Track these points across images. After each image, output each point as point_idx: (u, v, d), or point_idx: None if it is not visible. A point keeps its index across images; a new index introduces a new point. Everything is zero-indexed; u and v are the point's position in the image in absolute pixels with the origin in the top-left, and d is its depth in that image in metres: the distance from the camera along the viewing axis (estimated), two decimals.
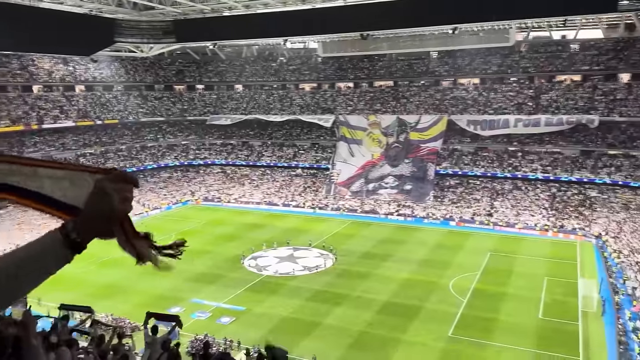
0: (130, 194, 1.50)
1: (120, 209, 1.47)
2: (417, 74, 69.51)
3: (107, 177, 1.50)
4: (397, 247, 46.18)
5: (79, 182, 1.56)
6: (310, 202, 62.41)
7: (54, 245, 1.47)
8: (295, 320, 31.56)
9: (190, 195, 67.05)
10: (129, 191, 1.49)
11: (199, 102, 78.04)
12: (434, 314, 32.29)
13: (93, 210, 1.48)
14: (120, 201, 1.46)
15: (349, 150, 65.53)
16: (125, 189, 1.48)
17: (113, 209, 1.46)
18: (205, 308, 33.80)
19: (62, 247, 1.48)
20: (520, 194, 56.55)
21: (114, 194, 1.45)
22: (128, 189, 1.49)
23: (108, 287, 36.61)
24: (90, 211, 1.48)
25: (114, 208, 1.45)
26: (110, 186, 1.46)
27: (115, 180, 1.48)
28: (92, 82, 71.71)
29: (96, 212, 1.47)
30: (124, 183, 1.49)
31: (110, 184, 1.46)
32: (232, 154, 73.41)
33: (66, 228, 1.48)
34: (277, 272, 40.57)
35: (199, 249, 45.97)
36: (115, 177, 1.50)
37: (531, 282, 37.14)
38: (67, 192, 1.58)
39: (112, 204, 1.45)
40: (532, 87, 62.28)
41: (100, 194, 1.46)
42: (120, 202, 1.46)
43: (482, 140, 61.06)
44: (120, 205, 1.46)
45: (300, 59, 77.96)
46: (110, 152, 67.60)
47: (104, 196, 1.45)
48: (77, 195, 1.55)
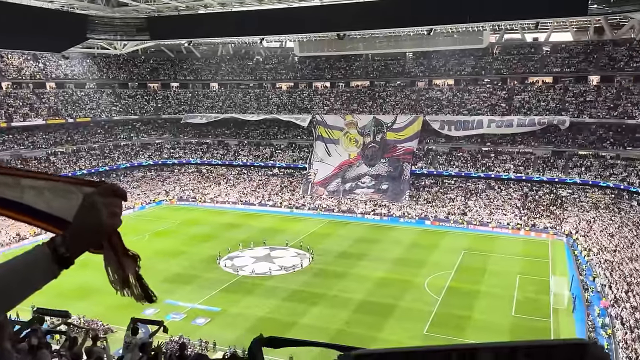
0: (120, 209, 1.46)
1: (109, 223, 1.44)
2: (393, 74, 70.05)
3: (96, 190, 1.46)
4: (373, 246, 46.47)
5: (65, 195, 1.52)
6: (287, 201, 62.29)
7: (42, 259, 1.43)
8: (271, 320, 31.44)
9: (164, 194, 66.15)
10: (118, 205, 1.46)
11: (173, 100, 77.05)
12: (410, 312, 32.60)
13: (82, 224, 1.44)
14: (108, 215, 1.43)
15: (326, 150, 65.63)
16: (114, 203, 1.45)
17: (102, 223, 1.42)
18: (180, 309, 33.39)
19: (50, 262, 1.44)
20: (494, 194, 57.56)
21: (102, 208, 1.41)
22: (117, 203, 1.46)
23: (79, 289, 35.78)
24: (79, 225, 1.45)
25: (102, 222, 1.42)
26: (100, 200, 1.42)
27: (105, 194, 1.45)
28: (63, 79, 70.07)
29: (85, 226, 1.44)
30: (113, 197, 1.45)
31: (99, 197, 1.43)
32: (208, 153, 72.71)
33: (54, 243, 1.44)
34: (253, 272, 40.35)
35: (174, 250, 45.43)
36: (105, 190, 1.46)
37: (504, 280, 37.84)
38: (52, 203, 1.54)
39: (101, 218, 1.41)
40: (505, 88, 63.42)
41: (88, 208, 1.43)
42: (108, 217, 1.43)
43: (456, 140, 61.91)
44: (108, 219, 1.43)
45: (277, 58, 77.70)
46: (82, 151, 66.18)
47: (92, 210, 1.42)
48: (64, 208, 1.52)
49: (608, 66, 58.45)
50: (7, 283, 1.41)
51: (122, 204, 1.48)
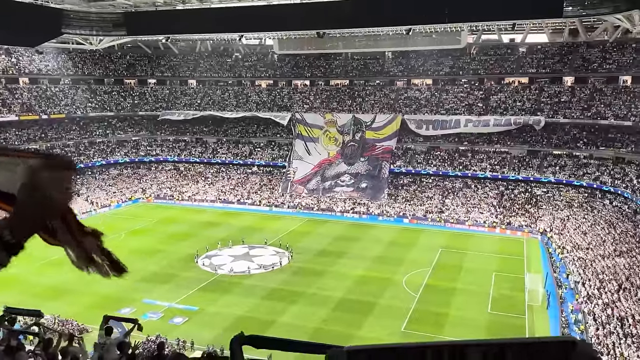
0: (70, 182, 1.27)
1: (59, 198, 1.25)
2: (372, 73, 70.36)
3: (41, 162, 1.25)
4: (352, 245, 46.67)
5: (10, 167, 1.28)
6: (267, 200, 62.08)
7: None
8: (250, 319, 31.32)
9: (141, 192, 65.25)
10: (67, 179, 1.27)
11: (150, 97, 75.98)
12: (388, 310, 32.85)
13: (28, 202, 1.23)
14: (59, 191, 1.24)
15: (306, 148, 65.60)
16: (63, 176, 1.25)
17: (51, 200, 1.23)
18: (157, 308, 33.02)
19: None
20: (470, 192, 58.37)
21: (50, 182, 1.22)
22: (67, 176, 1.26)
23: (54, 288, 35.11)
24: (25, 204, 1.24)
25: (52, 198, 1.22)
26: (48, 174, 1.22)
27: (53, 166, 1.25)
28: (37, 74, 68.44)
29: (31, 205, 1.23)
30: (62, 170, 1.26)
31: (47, 171, 1.23)
32: (186, 150, 71.96)
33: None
34: (232, 270, 40.12)
35: (151, 248, 44.89)
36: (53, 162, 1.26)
37: (480, 277, 38.42)
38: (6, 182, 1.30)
39: (50, 193, 1.22)
40: (482, 88, 64.32)
41: (35, 183, 1.21)
42: (59, 192, 1.24)
43: (434, 140, 62.55)
44: (58, 194, 1.24)
45: (256, 56, 77.28)
46: (57, 148, 64.73)
47: (39, 185, 1.21)
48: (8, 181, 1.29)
49: (582, 67, 59.77)
50: None
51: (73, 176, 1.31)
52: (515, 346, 1.28)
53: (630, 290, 30.75)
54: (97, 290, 34.64)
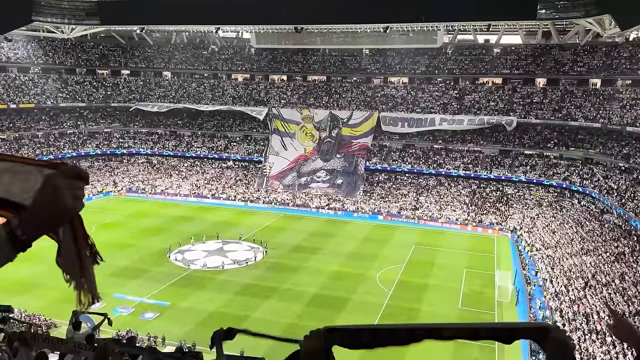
0: (82, 191, 1.37)
1: (72, 206, 1.35)
2: (349, 70, 70.51)
3: (57, 171, 1.37)
4: (327, 240, 46.79)
5: (25, 177, 1.44)
6: (242, 195, 61.66)
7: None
8: (223, 314, 31.10)
9: (112, 185, 64.01)
10: (80, 188, 1.37)
11: (123, 88, 74.51)
12: (361, 305, 33.08)
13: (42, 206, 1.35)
14: (71, 198, 1.34)
15: (282, 144, 65.37)
16: (76, 185, 1.36)
17: (64, 206, 1.34)
18: (127, 303, 32.51)
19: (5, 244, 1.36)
20: (444, 190, 59.15)
21: (65, 190, 1.33)
22: (79, 185, 1.37)
23: (21, 282, 34.16)
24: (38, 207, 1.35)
25: (65, 205, 1.33)
26: (62, 182, 1.33)
27: (67, 175, 1.36)
28: (5, 62, 66.30)
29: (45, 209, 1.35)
30: (75, 179, 1.36)
31: (62, 179, 1.34)
32: (159, 143, 70.88)
33: (11, 224, 1.36)
34: (205, 265, 39.76)
35: (122, 243, 44.12)
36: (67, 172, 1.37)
37: (452, 273, 39.02)
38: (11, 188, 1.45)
39: (64, 200, 1.33)
40: (457, 88, 65.15)
41: (50, 190, 1.34)
42: (71, 199, 1.34)
43: (409, 137, 63.11)
44: (71, 202, 1.34)
45: (233, 49, 76.53)
46: (25, 139, 63.02)
47: (54, 192, 1.33)
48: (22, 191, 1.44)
49: (554, 69, 61.09)
50: None
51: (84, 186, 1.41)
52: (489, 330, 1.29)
53: (595, 287, 31.69)
54: (64, 285, 33.75)
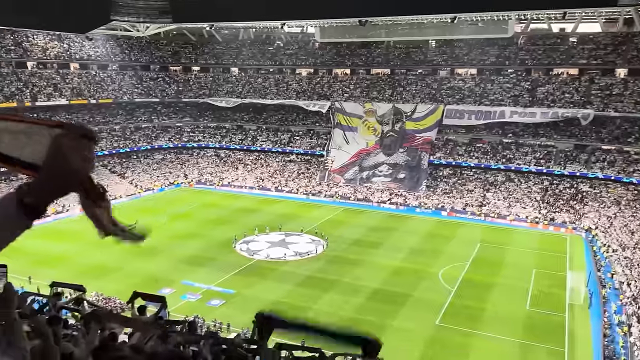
0: (91, 152, 1.34)
1: (80, 167, 1.31)
2: (414, 62, 69.25)
3: (65, 132, 1.33)
4: (388, 235, 46.43)
5: (37, 138, 1.40)
6: (304, 188, 62.44)
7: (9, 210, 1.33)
8: (284, 304, 31.71)
9: (183, 177, 66.87)
10: (89, 148, 1.33)
11: (194, 84, 77.44)
12: (423, 302, 32.58)
13: (50, 170, 1.32)
14: (80, 160, 1.31)
15: (344, 138, 65.44)
16: (85, 146, 1.32)
17: (72, 168, 1.30)
18: (195, 290, 33.91)
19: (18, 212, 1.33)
20: (513, 186, 56.86)
21: (72, 151, 1.29)
22: (88, 146, 1.33)
23: (99, 267, 36.58)
24: (47, 172, 1.33)
25: (72, 168, 1.30)
26: (69, 143, 1.30)
27: (73, 135, 1.32)
28: (86, 60, 70.88)
29: (54, 172, 1.32)
30: (84, 139, 1.33)
31: (69, 140, 1.31)
32: (226, 137, 73.11)
33: (20, 192, 1.33)
34: (268, 256, 40.69)
35: (192, 232, 46.06)
36: (73, 132, 1.33)
37: (520, 273, 37.52)
38: (25, 149, 1.43)
39: (71, 163, 1.29)
40: (529, 79, 62.25)
41: (58, 152, 1.30)
42: (80, 161, 1.31)
43: (477, 131, 61.17)
44: (79, 163, 1.30)
45: (298, 44, 77.36)
46: (104, 132, 67.10)
47: (61, 154, 1.29)
48: (35, 152, 1.40)
49: (636, 59, 56.87)
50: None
51: (93, 146, 1.35)
52: None
53: None
54: (138, 271, 35.92)
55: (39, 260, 35.96)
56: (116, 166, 64.85)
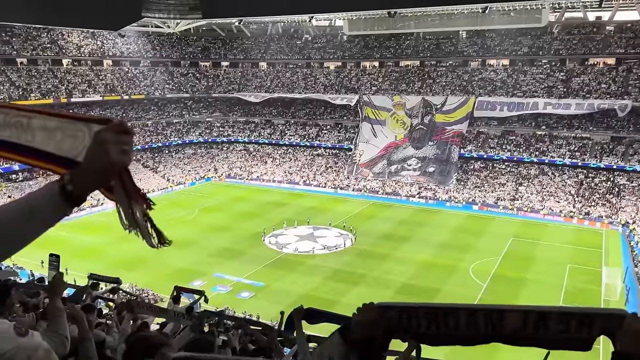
0: (129, 146, 1.43)
1: (119, 160, 1.41)
2: (444, 53, 68.19)
3: (105, 127, 1.44)
4: (417, 230, 46.04)
5: (74, 133, 1.51)
6: (332, 182, 62.45)
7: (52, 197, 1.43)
8: (313, 297, 31.86)
9: (213, 172, 67.78)
10: (127, 142, 1.43)
11: (223, 79, 78.21)
12: (453, 297, 32.19)
13: (91, 162, 1.42)
14: (119, 153, 1.40)
15: (372, 131, 65.06)
16: (123, 140, 1.42)
17: (111, 160, 1.40)
18: (226, 282, 34.43)
19: (59, 199, 1.43)
20: (547, 180, 55.52)
21: (111, 145, 1.39)
22: (127, 140, 1.43)
23: (132, 259, 37.47)
24: (88, 163, 1.43)
25: (112, 160, 1.40)
26: (109, 137, 1.40)
27: (113, 130, 1.42)
28: (119, 56, 72.40)
29: (94, 164, 1.42)
30: (123, 134, 1.43)
31: (109, 134, 1.41)
32: (255, 132, 73.67)
33: (63, 180, 1.43)
34: (296, 250, 40.92)
35: (222, 225, 46.70)
36: (113, 127, 1.44)
37: (553, 268, 36.67)
38: (62, 145, 1.53)
39: (111, 155, 1.39)
40: (564, 69, 60.52)
41: (98, 146, 1.40)
42: (119, 154, 1.40)
43: (509, 123, 59.90)
44: (118, 156, 1.40)
45: (326, 37, 77.16)
46: (137, 127, 68.46)
47: (102, 148, 1.39)
48: (73, 147, 1.51)
49: None
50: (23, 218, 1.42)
51: (132, 140, 1.45)
52: (557, 314, 1.19)
53: None
54: (171, 263, 36.65)
55: (75, 253, 37.10)
56: (149, 161, 66.20)
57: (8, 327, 1.88)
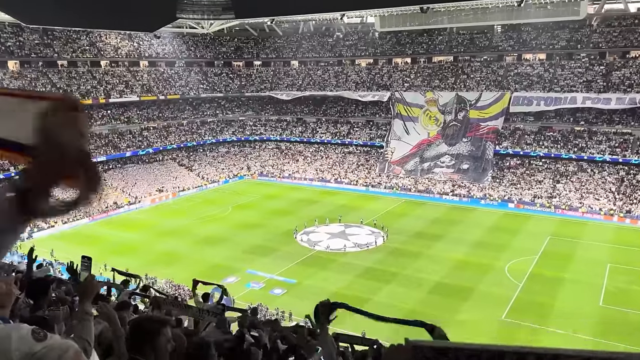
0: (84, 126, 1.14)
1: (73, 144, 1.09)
2: (478, 48, 66.92)
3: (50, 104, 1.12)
4: (451, 228, 45.41)
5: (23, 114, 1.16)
6: (363, 179, 62.24)
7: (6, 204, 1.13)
8: (345, 295, 31.84)
9: (246, 170, 68.58)
10: (81, 122, 1.12)
11: (256, 78, 78.93)
12: (488, 297, 31.68)
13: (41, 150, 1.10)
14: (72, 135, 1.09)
15: (404, 128, 64.47)
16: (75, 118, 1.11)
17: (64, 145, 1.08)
18: (259, 279, 34.83)
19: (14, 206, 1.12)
20: (586, 177, 53.84)
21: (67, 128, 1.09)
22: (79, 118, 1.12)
23: (168, 255, 38.39)
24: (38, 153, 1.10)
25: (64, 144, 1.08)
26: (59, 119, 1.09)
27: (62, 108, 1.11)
28: (155, 57, 73.99)
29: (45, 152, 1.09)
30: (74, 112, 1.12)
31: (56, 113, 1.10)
32: (287, 130, 74.08)
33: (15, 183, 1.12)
34: (328, 247, 41.01)
35: (255, 222, 47.24)
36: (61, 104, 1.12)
37: (593, 268, 35.58)
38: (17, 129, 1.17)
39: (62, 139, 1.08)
40: (604, 63, 58.48)
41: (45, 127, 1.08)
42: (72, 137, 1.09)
43: (546, 119, 58.34)
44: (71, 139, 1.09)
45: (357, 34, 76.85)
46: (172, 127, 69.96)
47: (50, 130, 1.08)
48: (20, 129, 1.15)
49: None
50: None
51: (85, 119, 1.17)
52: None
53: None
54: (205, 259, 37.37)
55: (113, 249, 38.28)
56: (184, 159, 67.52)
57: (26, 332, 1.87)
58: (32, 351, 1.68)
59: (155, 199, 55.61)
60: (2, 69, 57.61)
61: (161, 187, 58.38)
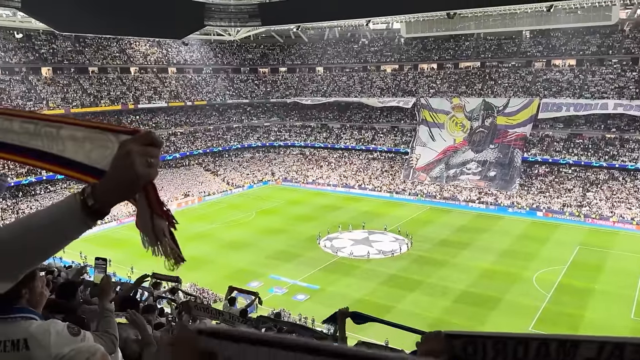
0: (156, 158, 1.34)
1: (144, 173, 1.31)
2: (506, 54, 65.99)
3: (132, 138, 1.36)
4: (477, 236, 44.70)
5: (103, 143, 1.46)
6: (387, 186, 61.87)
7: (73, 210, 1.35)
8: (368, 302, 31.63)
9: (270, 175, 68.96)
10: (154, 155, 1.33)
11: (281, 84, 79.47)
12: (515, 307, 31.03)
13: (115, 174, 1.35)
14: (144, 165, 1.31)
15: (430, 134, 63.91)
16: (149, 152, 1.33)
17: (136, 173, 1.30)
18: (282, 284, 34.87)
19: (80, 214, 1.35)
20: (617, 185, 52.39)
21: (137, 156, 1.30)
22: (153, 152, 1.33)
23: (193, 259, 38.73)
24: (112, 175, 1.36)
25: (136, 172, 1.30)
26: (135, 148, 1.31)
27: (140, 141, 1.33)
28: (183, 64, 75.26)
29: (118, 176, 1.34)
30: (149, 145, 1.34)
31: (135, 145, 1.32)
32: (311, 136, 74.27)
33: (84, 193, 1.35)
34: (351, 254, 40.82)
35: (278, 228, 47.40)
36: (141, 138, 1.35)
37: (624, 279, 34.51)
38: (91, 155, 1.48)
39: (135, 167, 1.30)
40: (636, 69, 56.94)
41: (123, 157, 1.31)
42: (144, 166, 1.31)
43: (576, 126, 57.06)
44: (143, 169, 1.31)
45: (383, 40, 76.72)
46: (199, 132, 70.92)
47: (127, 159, 1.31)
48: (101, 157, 1.46)
49: None
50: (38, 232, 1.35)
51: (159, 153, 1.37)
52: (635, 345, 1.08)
53: None
54: (229, 263, 37.64)
55: (141, 253, 38.66)
56: (210, 164, 68.35)
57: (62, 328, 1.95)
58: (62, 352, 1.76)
59: (182, 203, 56.37)
60: (36, 75, 59.46)
61: (187, 192, 59.18)
